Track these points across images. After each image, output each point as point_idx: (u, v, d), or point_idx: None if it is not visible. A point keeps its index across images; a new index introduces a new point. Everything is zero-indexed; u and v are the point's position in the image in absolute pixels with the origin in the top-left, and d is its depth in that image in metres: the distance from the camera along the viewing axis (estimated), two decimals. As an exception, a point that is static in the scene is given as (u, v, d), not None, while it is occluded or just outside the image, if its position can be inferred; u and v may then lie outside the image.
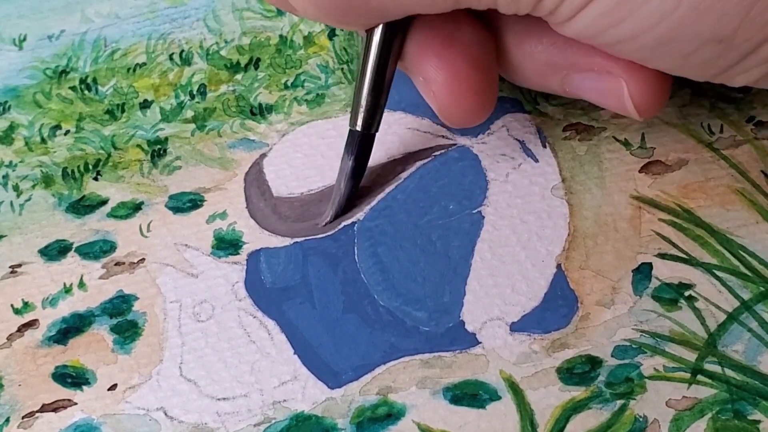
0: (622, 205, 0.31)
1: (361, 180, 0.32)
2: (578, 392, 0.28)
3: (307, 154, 0.34)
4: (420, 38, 0.28)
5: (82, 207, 0.33)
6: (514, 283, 0.30)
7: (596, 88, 0.28)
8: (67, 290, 0.31)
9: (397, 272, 0.30)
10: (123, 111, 0.36)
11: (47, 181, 0.34)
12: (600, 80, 0.28)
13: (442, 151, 0.33)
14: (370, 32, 0.28)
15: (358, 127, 0.30)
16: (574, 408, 0.28)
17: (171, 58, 0.37)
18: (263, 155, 0.34)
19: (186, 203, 0.33)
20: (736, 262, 0.29)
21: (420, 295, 0.30)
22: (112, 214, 0.33)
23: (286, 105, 0.35)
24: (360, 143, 0.31)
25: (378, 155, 0.33)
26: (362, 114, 0.30)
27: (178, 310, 0.31)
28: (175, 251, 0.32)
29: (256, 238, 0.32)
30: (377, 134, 0.31)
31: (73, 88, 0.36)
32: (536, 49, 0.28)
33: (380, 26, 0.28)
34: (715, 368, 0.28)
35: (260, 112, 0.35)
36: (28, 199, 0.34)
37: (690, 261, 0.30)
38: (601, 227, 0.31)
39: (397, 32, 0.28)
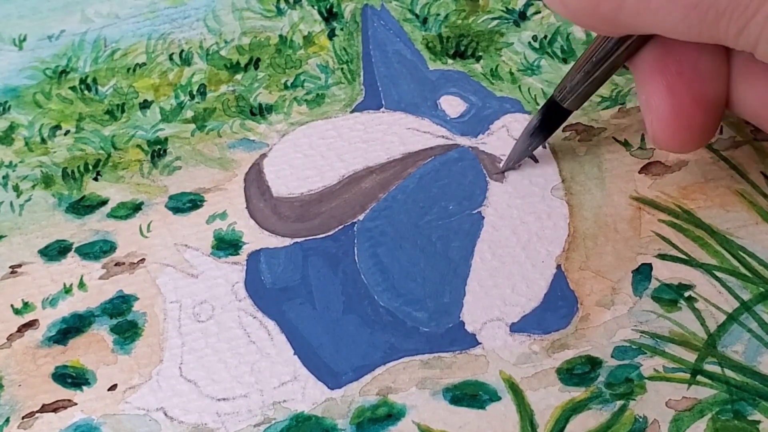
0: (622, 206, 0.31)
1: (541, 144, 0.32)
2: (578, 393, 0.28)
3: (307, 155, 0.34)
4: (657, 56, 0.27)
5: (82, 207, 0.33)
6: (514, 284, 0.30)
7: None
8: (67, 290, 0.31)
9: (397, 273, 0.30)
10: (123, 111, 0.36)
11: (47, 181, 0.34)
12: None
13: (442, 151, 0.33)
14: None
15: (559, 99, 0.30)
16: (574, 408, 0.28)
17: (171, 58, 0.37)
18: (263, 155, 0.34)
19: (186, 203, 0.33)
20: (736, 263, 0.29)
21: (420, 295, 0.30)
22: (112, 215, 0.33)
23: (286, 105, 0.35)
24: (554, 113, 0.31)
25: (378, 155, 0.33)
26: (568, 88, 0.30)
27: (178, 310, 0.31)
28: (175, 251, 0.32)
29: (256, 238, 0.32)
30: (377, 135, 0.31)
31: (73, 88, 0.36)
32: (758, 83, 0.27)
33: None
34: (715, 369, 0.28)
35: (260, 112, 0.35)
36: (28, 200, 0.34)
37: (690, 262, 0.30)
38: (600, 228, 0.31)
39: (632, 41, 0.27)
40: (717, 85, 0.27)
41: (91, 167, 0.34)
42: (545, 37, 0.36)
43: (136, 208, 0.33)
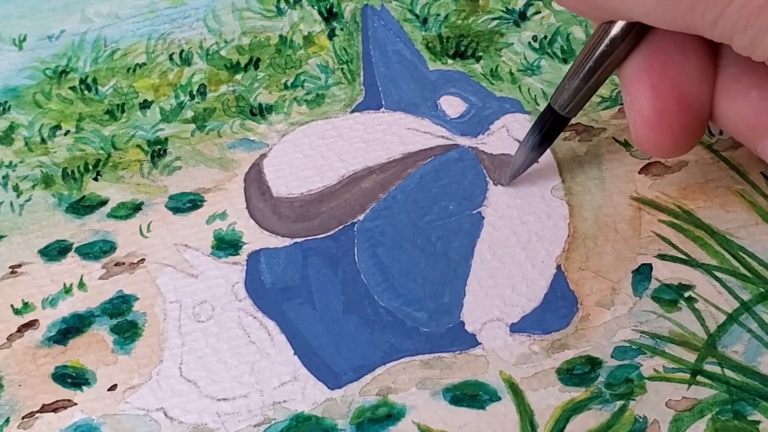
0: (622, 206, 0.31)
1: (541, 155, 0.31)
2: (578, 393, 0.28)
3: (307, 155, 0.34)
4: (643, 56, 0.27)
5: (82, 207, 0.33)
6: (514, 284, 0.30)
7: None
8: (67, 290, 0.31)
9: (397, 273, 0.30)
10: (123, 111, 0.36)
11: (47, 181, 0.34)
12: None
13: (442, 151, 0.33)
14: (605, 26, 0.27)
15: (557, 107, 0.29)
16: (574, 409, 0.28)
17: (171, 58, 0.37)
18: (263, 155, 0.34)
19: (186, 203, 0.33)
20: (736, 263, 0.29)
21: (420, 295, 0.30)
22: (112, 215, 0.33)
23: (286, 105, 0.35)
24: (552, 121, 0.30)
25: (378, 155, 0.33)
26: (565, 95, 0.29)
27: (178, 310, 0.31)
28: (175, 251, 0.32)
29: (256, 238, 0.32)
30: (377, 135, 0.31)
31: (73, 88, 0.36)
32: (740, 99, 0.26)
33: (616, 26, 0.27)
34: (715, 369, 0.28)
35: (260, 112, 0.35)
36: (28, 200, 0.34)
37: (690, 262, 0.30)
38: (600, 228, 0.31)
39: (626, 39, 0.27)
40: (702, 88, 0.27)
41: (91, 167, 0.34)
42: (545, 37, 0.36)
43: (136, 208, 0.33)
